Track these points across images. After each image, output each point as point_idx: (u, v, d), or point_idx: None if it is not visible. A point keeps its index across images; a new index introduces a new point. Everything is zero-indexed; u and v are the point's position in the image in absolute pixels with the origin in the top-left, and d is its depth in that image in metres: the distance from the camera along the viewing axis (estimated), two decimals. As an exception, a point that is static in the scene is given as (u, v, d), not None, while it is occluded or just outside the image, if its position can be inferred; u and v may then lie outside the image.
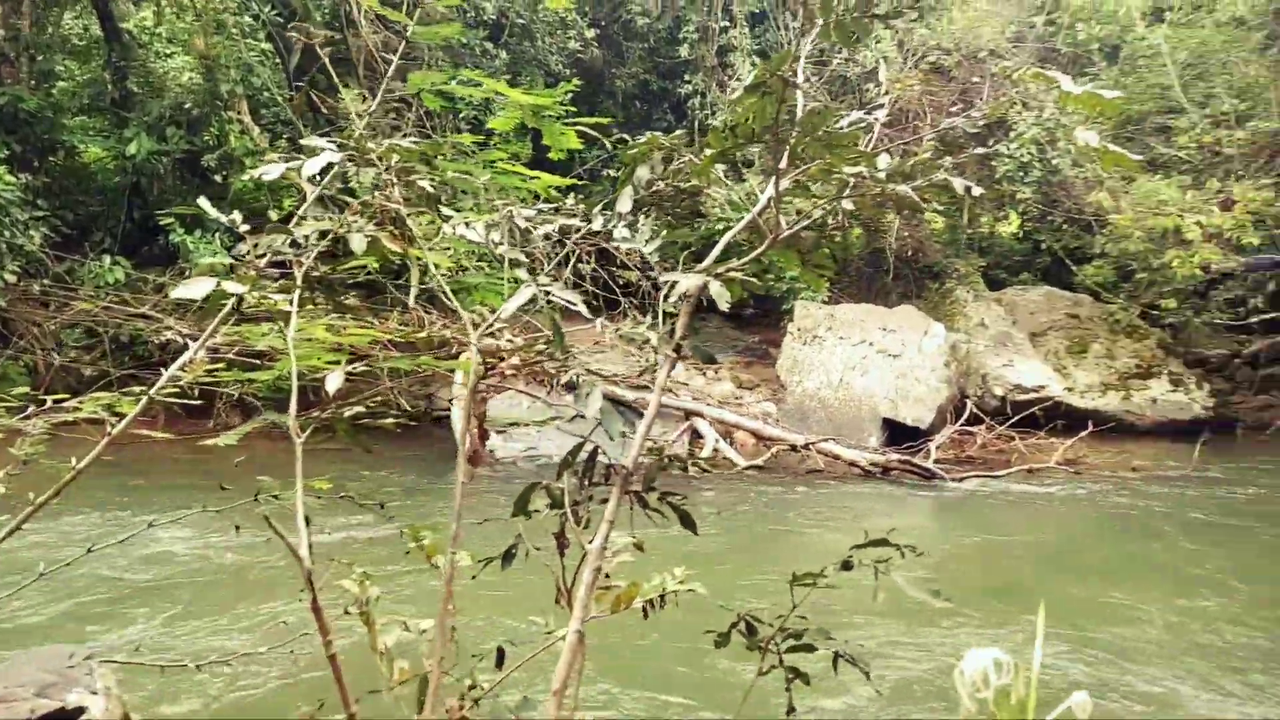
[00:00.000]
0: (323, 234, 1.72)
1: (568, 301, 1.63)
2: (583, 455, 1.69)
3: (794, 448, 10.53)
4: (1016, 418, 11.75)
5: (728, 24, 14.84)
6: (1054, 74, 2.10)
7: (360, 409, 1.70)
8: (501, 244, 1.78)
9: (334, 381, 1.59)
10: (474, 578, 1.93)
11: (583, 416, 1.51)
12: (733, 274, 1.83)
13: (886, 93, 11.55)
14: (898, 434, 11.35)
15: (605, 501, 1.70)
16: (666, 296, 1.78)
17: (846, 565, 1.79)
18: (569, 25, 14.11)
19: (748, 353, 15.42)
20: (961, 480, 9.62)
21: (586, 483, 1.69)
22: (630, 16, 14.93)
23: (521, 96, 2.49)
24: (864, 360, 12.02)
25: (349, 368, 1.78)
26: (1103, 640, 5.16)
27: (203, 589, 5.81)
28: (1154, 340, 13.58)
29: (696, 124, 14.97)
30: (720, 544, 7.10)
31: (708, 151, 1.96)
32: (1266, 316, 13.19)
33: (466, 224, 1.83)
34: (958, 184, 1.87)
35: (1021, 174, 13.11)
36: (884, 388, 11.65)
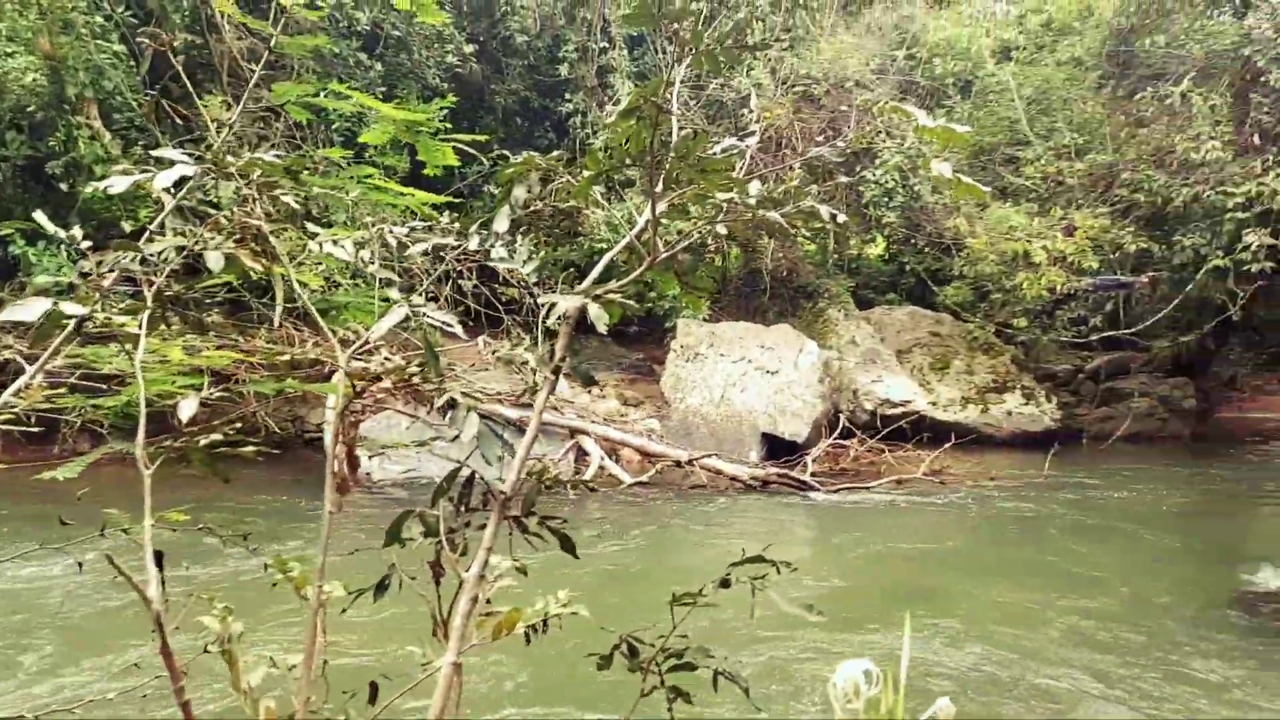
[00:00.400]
0: (178, 249, 1.61)
1: (441, 322, 1.59)
2: (460, 480, 1.65)
3: (678, 464, 10.67)
4: (886, 431, 12.35)
5: (607, 45, 15.00)
6: (910, 108, 2.22)
7: (217, 436, 1.60)
8: (372, 262, 1.72)
9: (187, 408, 1.49)
10: (344, 611, 1.84)
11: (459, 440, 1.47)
12: (611, 295, 1.83)
13: (758, 120, 11.94)
14: (777, 448, 11.69)
15: (484, 527, 1.66)
16: (546, 317, 1.76)
17: (725, 583, 1.81)
18: (446, 39, 13.91)
19: (632, 370, 15.54)
20: (836, 492, 9.98)
21: (463, 509, 1.65)
22: (509, 33, 14.86)
23: (394, 111, 2.43)
24: (744, 377, 12.33)
25: (205, 392, 1.67)
26: (1007, 639, 5.45)
27: (53, 631, 5.33)
28: (1008, 357, 14.52)
29: (578, 142, 15.04)
30: (609, 562, 7.09)
31: (585, 173, 1.97)
32: (1105, 334, 14.37)
33: (335, 241, 1.76)
34: (824, 211, 1.94)
35: (886, 200, 13.83)
36: (763, 403, 11.98)
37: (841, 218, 1.94)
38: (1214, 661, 5.19)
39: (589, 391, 13.22)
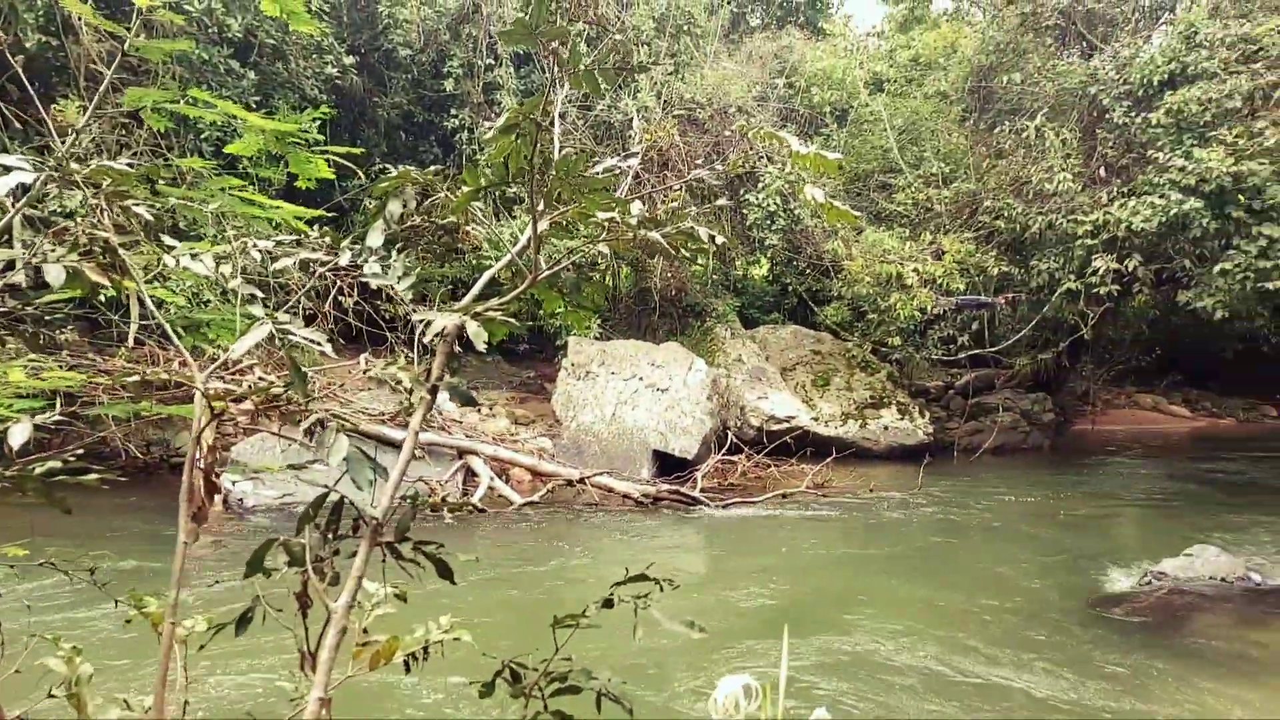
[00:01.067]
0: (8, 263, 1.49)
1: (309, 340, 1.52)
2: (328, 505, 1.57)
3: (570, 483, 10.60)
4: (771, 446, 12.67)
5: (493, 62, 14.91)
6: (784, 135, 2.30)
7: (56, 463, 1.47)
8: (234, 277, 1.63)
9: (18, 435, 1.37)
10: (202, 648, 1.72)
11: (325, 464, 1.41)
12: (492, 313, 1.80)
13: (640, 142, 12.12)
14: (668, 465, 11.80)
15: (355, 555, 1.59)
16: (422, 336, 1.71)
17: (608, 603, 1.80)
18: (325, 50, 13.49)
19: (523, 388, 15.40)
20: (725, 507, 10.14)
21: (331, 536, 1.57)
22: (392, 46, 14.55)
23: (262, 121, 2.32)
24: (635, 395, 12.40)
25: (45, 416, 1.54)
26: (886, 646, 5.64)
27: None
28: (884, 374, 15.18)
29: (464, 158, 14.86)
30: (498, 584, 6.95)
31: (464, 189, 1.94)
32: (972, 352, 15.24)
33: (193, 255, 1.66)
34: (703, 233, 1.98)
35: (769, 222, 14.28)
36: (654, 421, 12.07)
37: (720, 239, 1.98)
38: (1069, 657, 5.54)
39: (478, 410, 13.00)
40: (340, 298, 9.82)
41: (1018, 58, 15.01)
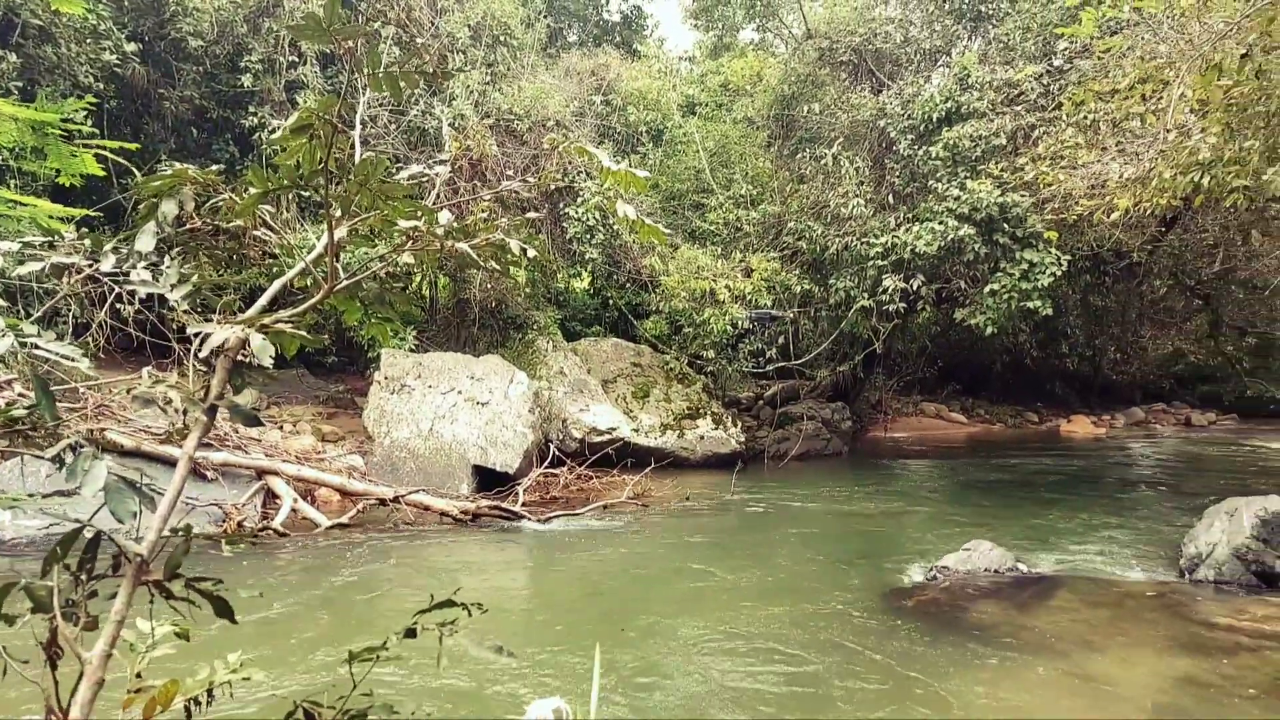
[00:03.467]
0: None
1: (57, 354, 1.34)
2: (82, 541, 1.39)
3: (383, 501, 10.14)
4: (594, 458, 12.76)
5: (296, 59, 14.11)
6: (596, 150, 2.32)
7: None
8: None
9: None
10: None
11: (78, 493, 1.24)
12: (281, 325, 1.67)
13: (449, 151, 11.88)
14: (488, 479, 11.57)
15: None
16: (199, 350, 1.56)
17: (410, 633, 1.71)
18: (102, 34, 12.24)
19: (332, 403, 14.60)
20: (547, 521, 10.07)
21: (85, 577, 1.39)
22: (180, 35, 13.40)
23: (12, 108, 2.05)
24: (453, 409, 12.08)
25: None
26: (747, 637, 5.73)
27: None
28: (700, 385, 15.72)
29: (264, 159, 13.95)
30: (302, 615, 6.50)
31: (251, 191, 1.79)
32: (779, 365, 16.10)
33: (-89, 257, 1.42)
34: (515, 245, 1.94)
35: (588, 236, 14.43)
36: (474, 435, 11.81)
37: (532, 252, 1.95)
38: (867, 647, 5.94)
39: (281, 428, 12.19)
40: (119, 305, 8.88)
41: (816, 89, 16.09)
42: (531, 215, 2.51)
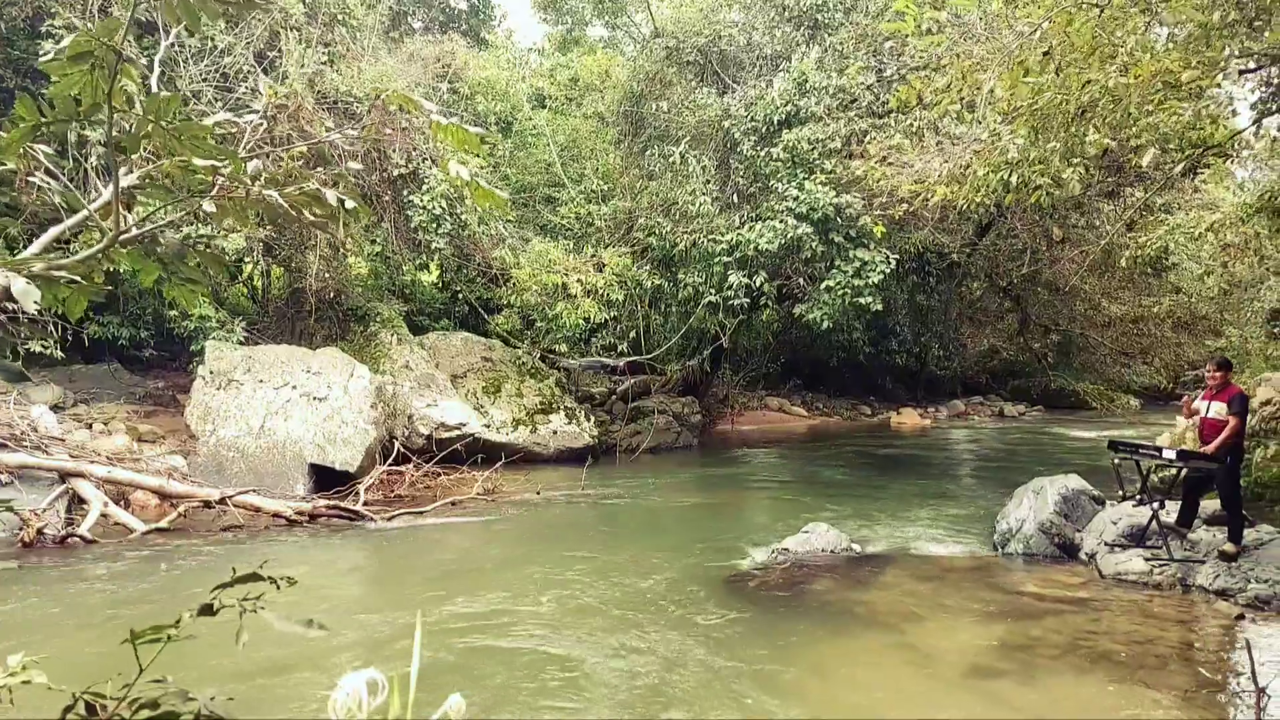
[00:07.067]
0: None
1: None
2: None
3: (208, 504, 9.44)
4: (442, 455, 12.40)
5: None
6: (425, 103, 2.23)
7: None
8: None
9: None
10: None
11: None
12: (55, 272, 1.49)
13: (266, 108, 11.14)
14: (328, 479, 11.01)
15: None
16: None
17: (207, 609, 1.57)
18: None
19: (149, 400, 13.47)
20: (391, 519, 9.70)
21: None
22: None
23: None
24: (288, 405, 11.42)
25: None
26: (589, 622, 5.64)
27: None
28: (553, 380, 15.63)
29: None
30: (103, 620, 5.92)
31: (21, 125, 1.59)
32: (631, 359, 16.26)
33: None
34: (331, 196, 1.82)
35: (435, 226, 14.00)
36: (310, 432, 11.21)
37: (350, 204, 1.84)
38: (708, 626, 6.08)
39: (90, 427, 11.13)
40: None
41: (664, 88, 16.35)
42: (353, 166, 2.38)
